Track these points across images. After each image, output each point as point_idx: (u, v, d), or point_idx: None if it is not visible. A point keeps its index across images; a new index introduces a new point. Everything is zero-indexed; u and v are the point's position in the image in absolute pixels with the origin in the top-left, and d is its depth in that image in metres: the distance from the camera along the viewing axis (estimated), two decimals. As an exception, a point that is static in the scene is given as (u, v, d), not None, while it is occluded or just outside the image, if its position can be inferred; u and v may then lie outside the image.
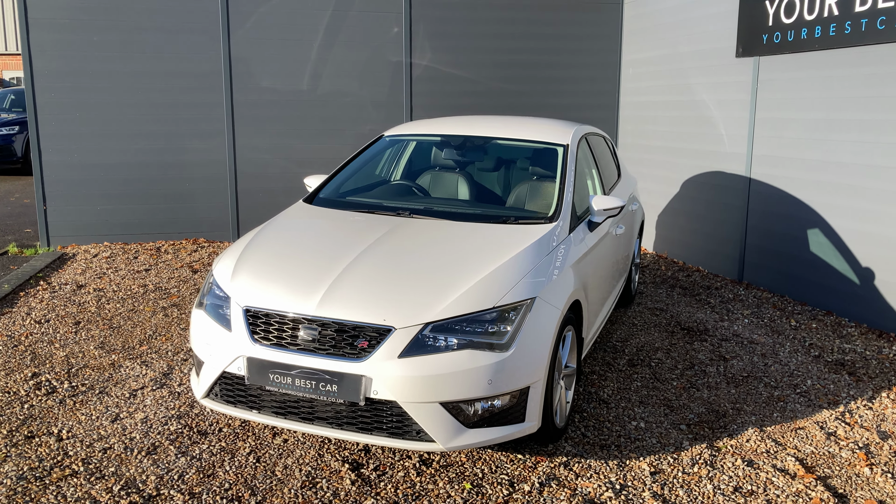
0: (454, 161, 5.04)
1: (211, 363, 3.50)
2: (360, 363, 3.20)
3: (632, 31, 8.95)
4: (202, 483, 3.37)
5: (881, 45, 5.46)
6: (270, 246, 3.96)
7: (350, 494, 3.30)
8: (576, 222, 4.27)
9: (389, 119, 8.72)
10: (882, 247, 5.54)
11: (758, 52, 6.74)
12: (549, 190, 4.49)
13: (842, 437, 3.96)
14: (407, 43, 8.63)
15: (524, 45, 8.96)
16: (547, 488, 3.37)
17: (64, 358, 4.85)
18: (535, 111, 9.04)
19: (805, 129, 6.23)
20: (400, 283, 3.48)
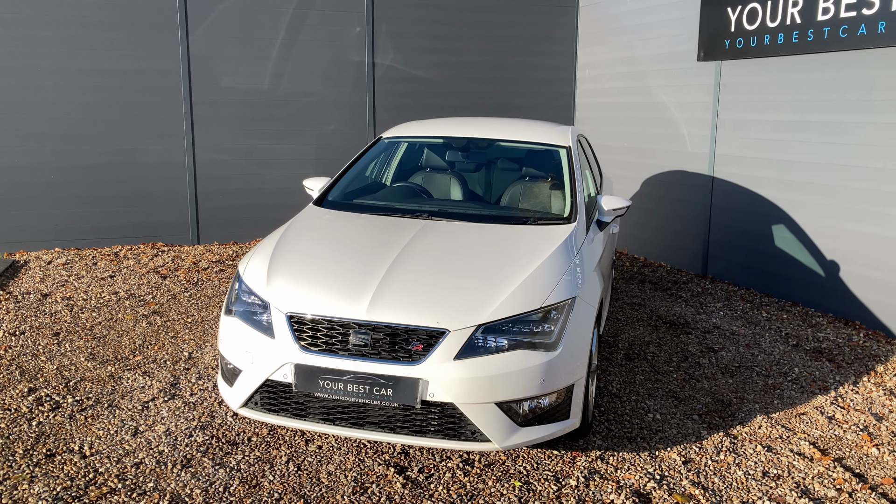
0: (459, 162, 5.08)
1: (251, 372, 3.44)
2: (416, 366, 3.22)
3: (588, 33, 9.20)
4: (250, 494, 3.31)
5: (843, 52, 5.83)
6: (300, 250, 3.91)
7: (405, 498, 3.31)
8: (589, 222, 4.40)
9: (353, 119, 8.67)
10: (846, 241, 5.92)
11: (720, 56, 7.06)
12: (559, 191, 4.60)
13: (841, 421, 4.24)
14: (369, 43, 8.60)
15: (484, 47, 9.07)
16: (591, 482, 3.47)
17: (56, 371, 4.63)
18: (497, 111, 9.17)
19: (769, 130, 6.57)
20: (445, 285, 3.50)
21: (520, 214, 4.46)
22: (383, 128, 8.77)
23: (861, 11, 5.63)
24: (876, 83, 5.60)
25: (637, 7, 8.20)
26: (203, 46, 8.02)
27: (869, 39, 5.60)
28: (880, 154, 5.61)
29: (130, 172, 7.99)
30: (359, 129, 8.74)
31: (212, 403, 4.21)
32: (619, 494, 3.37)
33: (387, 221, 4.26)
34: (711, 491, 3.43)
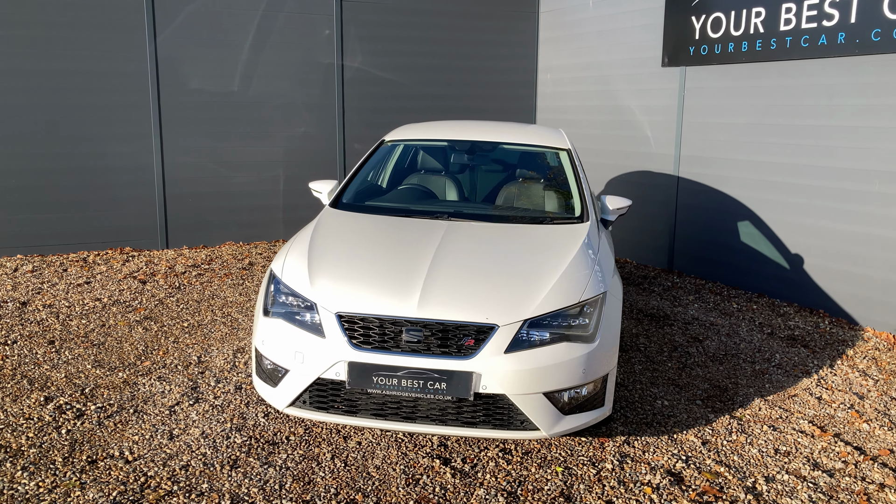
0: (465, 165, 5.25)
1: (300, 371, 3.52)
2: (469, 360, 3.37)
3: (548, 39, 9.50)
4: (308, 490, 3.40)
5: (805, 61, 6.28)
6: (336, 251, 3.99)
7: (457, 487, 3.46)
8: (598, 221, 4.64)
9: (322, 122, 8.71)
10: (809, 236, 6.38)
11: (684, 62, 7.45)
12: (567, 192, 4.82)
13: (829, 401, 4.61)
14: (338, 45, 8.65)
15: (450, 50, 9.26)
16: (625, 464, 3.70)
17: (65, 379, 4.56)
18: (462, 113, 9.37)
19: (734, 133, 6.99)
20: (487, 283, 3.67)
21: (536, 214, 4.66)
22: (352, 130, 8.85)
23: (822, 23, 6.08)
24: (835, 90, 6.06)
25: (601, 14, 8.54)
26: (171, 48, 7.91)
27: (829, 49, 6.05)
28: (839, 155, 6.08)
29: (97, 176, 7.81)
30: (328, 131, 8.78)
31: (238, 405, 4.25)
32: (654, 475, 3.61)
33: (410, 223, 4.39)
34: (734, 468, 3.71)
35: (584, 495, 3.42)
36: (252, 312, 6.01)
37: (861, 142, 5.90)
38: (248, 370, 4.79)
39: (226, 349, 5.16)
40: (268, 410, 4.18)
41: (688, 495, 3.43)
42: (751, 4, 6.68)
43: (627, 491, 3.46)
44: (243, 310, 6.08)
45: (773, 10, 6.48)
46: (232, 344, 5.27)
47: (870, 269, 5.93)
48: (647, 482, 3.54)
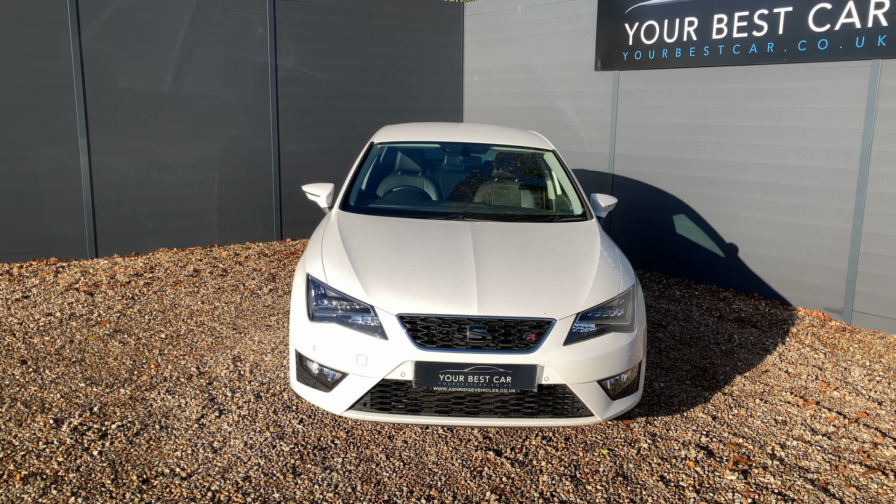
0: (460, 165, 5.38)
1: (363, 373, 3.56)
2: (532, 354, 3.55)
3: (475, 42, 9.76)
4: (381, 490, 3.45)
5: (736, 67, 6.89)
6: (374, 253, 4.02)
7: (522, 475, 3.62)
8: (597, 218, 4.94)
9: (257, 122, 8.52)
10: (742, 226, 7.01)
11: (617, 66, 7.94)
12: (564, 190, 5.08)
13: (797, 374, 5.15)
14: (272, 45, 8.50)
15: (381, 51, 9.31)
16: (658, 443, 4.01)
17: (64, 399, 4.31)
18: (395, 113, 9.46)
19: (668, 133, 7.54)
20: (534, 279, 3.86)
21: (543, 213, 4.88)
22: (287, 131, 8.72)
23: (752, 33, 6.71)
24: (765, 94, 6.71)
25: (531, 19, 8.89)
26: (97, 45, 7.49)
27: (759, 57, 6.68)
28: (769, 153, 6.73)
29: (17, 181, 7.27)
30: (262, 131, 8.61)
31: (267, 413, 4.20)
32: (687, 450, 3.93)
33: (432, 224, 4.49)
34: (749, 439, 4.11)
35: (637, 473, 3.68)
36: (224, 320, 5.86)
37: (789, 141, 6.56)
38: (256, 378, 4.71)
39: (221, 358, 5.03)
40: (303, 416, 4.16)
41: (725, 465, 3.78)
42: (683, 14, 7.23)
43: (673, 466, 3.76)
44: (215, 318, 5.91)
45: (706, 19, 7.05)
46: (224, 353, 5.14)
47: (797, 255, 6.61)
48: (685, 457, 3.85)
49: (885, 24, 5.85)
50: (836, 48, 6.15)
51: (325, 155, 9.09)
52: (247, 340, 5.42)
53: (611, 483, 3.58)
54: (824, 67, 6.28)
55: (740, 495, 3.49)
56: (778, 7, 6.50)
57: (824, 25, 6.21)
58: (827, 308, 6.46)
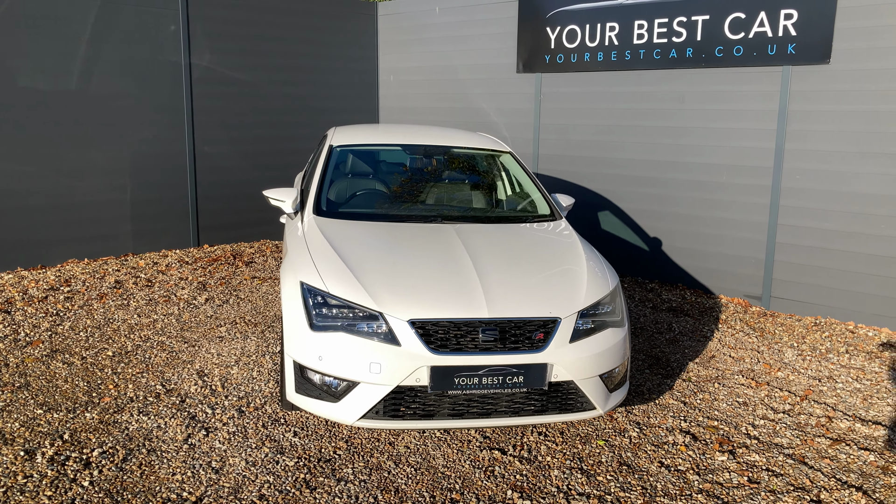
0: (424, 168, 5.37)
1: (376, 381, 3.52)
2: (541, 353, 3.64)
3: (391, 41, 9.75)
4: (403, 498, 3.43)
5: (657, 70, 7.29)
6: (368, 259, 3.96)
7: (533, 471, 3.71)
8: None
9: (171, 124, 8.12)
10: (667, 221, 7.43)
11: (539, 69, 8.18)
12: (528, 191, 5.20)
13: (739, 358, 5.54)
14: (185, 42, 8.13)
15: (296, 50, 9.11)
16: (646, 431, 4.22)
17: (24, 428, 3.98)
18: (313, 114, 9.29)
19: (593, 133, 7.86)
20: (532, 280, 3.95)
21: (516, 214, 4.98)
22: (203, 132, 8.36)
23: (671, 39, 7.12)
24: (686, 96, 7.14)
25: (450, 21, 8.98)
26: (-4, 40, 6.89)
27: (679, 62, 7.11)
28: (691, 152, 7.17)
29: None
30: (177, 133, 8.21)
31: (257, 429, 4.06)
32: (673, 435, 4.16)
33: (415, 227, 4.48)
34: (722, 420, 4.39)
35: (638, 460, 3.86)
36: (170, 333, 5.58)
37: (711, 140, 7.03)
38: (231, 393, 4.53)
39: (184, 374, 4.80)
40: (295, 429, 4.05)
41: (712, 447, 4.03)
42: (605, 19, 7.56)
43: (667, 452, 3.97)
44: (159, 331, 5.62)
45: (627, 25, 7.40)
46: (184, 368, 4.90)
47: (718, 247, 7.10)
48: (674, 442, 4.07)
49: (794, 34, 6.38)
50: (751, 55, 6.64)
51: (243, 158, 8.79)
52: (203, 354, 5.18)
53: (618, 472, 3.73)
54: (740, 72, 6.77)
55: (736, 474, 3.73)
56: (696, 15, 6.93)
57: (739, 33, 6.69)
58: (747, 295, 6.97)
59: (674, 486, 3.61)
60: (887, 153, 6.04)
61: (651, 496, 3.50)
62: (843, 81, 6.20)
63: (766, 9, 6.51)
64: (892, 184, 6.03)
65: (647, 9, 7.24)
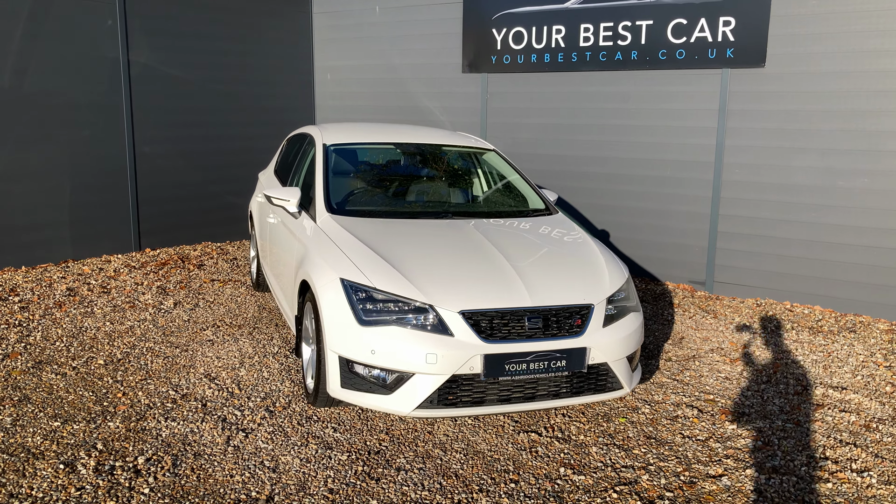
0: (419, 166, 5.48)
1: (431, 371, 3.64)
2: (581, 337, 3.88)
3: (328, 39, 9.72)
4: (467, 482, 3.58)
5: (604, 72, 7.72)
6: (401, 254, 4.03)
7: (575, 449, 3.95)
8: (557, 212, 5.36)
9: (109, 123, 7.78)
10: (612, 214, 7.88)
11: (485, 69, 8.44)
12: (520, 187, 5.42)
13: (707, 338, 6.01)
14: (123, 38, 7.81)
15: (233, 47, 8.94)
16: (657, 408, 4.55)
17: (51, 441, 3.81)
18: (252, 113, 9.15)
19: (541, 132, 8.20)
20: (561, 269, 4.17)
21: (518, 208, 5.18)
22: (143, 132, 8.06)
23: (617, 42, 7.56)
24: (633, 96, 7.60)
25: (391, 20, 9.08)
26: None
27: (624, 64, 7.56)
28: (635, 149, 7.65)
29: None
30: (115, 133, 7.88)
31: (296, 426, 4.07)
32: (682, 409, 4.52)
33: (432, 223, 4.61)
34: (716, 394, 4.80)
35: (661, 433, 4.18)
36: (155, 339, 5.41)
37: (655, 138, 7.52)
38: (251, 395, 4.49)
39: (192, 379, 4.71)
40: (333, 425, 4.09)
41: (719, 417, 4.41)
42: (551, 22, 7.91)
43: (683, 425, 4.31)
44: (142, 338, 5.44)
45: (573, 28, 7.78)
46: (189, 373, 4.81)
47: (663, 237, 7.61)
48: (685, 416, 4.43)
49: (732, 40, 6.95)
50: (693, 58, 7.17)
51: (183, 158, 8.54)
52: (201, 358, 5.09)
53: (649, 445, 4.03)
54: (683, 74, 7.29)
55: (750, 440, 4.12)
56: (640, 20, 7.40)
57: (682, 38, 7.20)
58: (692, 281, 7.52)
59: (702, 453, 3.94)
60: (816, 148, 6.71)
61: (687, 464, 3.81)
62: (777, 83, 6.82)
63: (706, 16, 7.05)
64: (820, 175, 6.70)
65: (593, 13, 7.64)
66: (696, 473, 3.72)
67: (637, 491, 3.53)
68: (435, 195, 5.29)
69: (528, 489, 3.53)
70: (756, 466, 3.79)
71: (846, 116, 6.50)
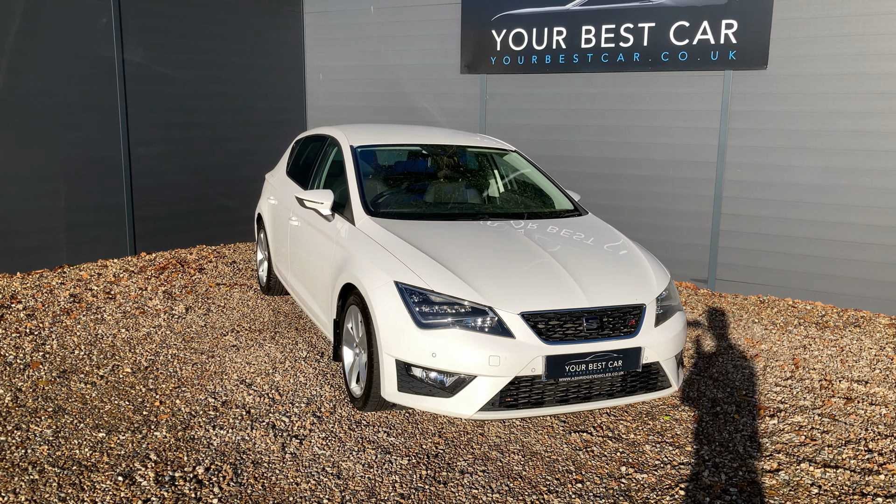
0: (447, 168, 5.45)
1: (494, 374, 3.64)
2: (635, 337, 3.92)
3: (320, 40, 9.62)
4: (534, 482, 3.59)
5: (605, 73, 7.80)
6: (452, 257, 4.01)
7: (630, 447, 3.99)
8: (585, 212, 5.39)
9: (105, 124, 7.58)
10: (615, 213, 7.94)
11: (484, 70, 8.46)
12: (544, 188, 5.45)
13: (722, 335, 6.12)
14: (118, 37, 7.62)
15: (226, 47, 8.79)
16: (695, 405, 4.62)
17: (100, 453, 3.71)
18: (245, 114, 9.02)
19: (541, 133, 8.24)
20: (610, 270, 4.21)
21: (551, 209, 5.19)
22: (138, 133, 7.88)
23: (619, 44, 7.65)
24: (635, 98, 7.70)
25: (387, 21, 9.03)
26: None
27: (626, 65, 7.65)
28: (638, 149, 7.75)
29: None
30: (111, 134, 7.68)
31: (348, 432, 4.03)
32: (720, 406, 4.59)
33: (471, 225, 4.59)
34: (746, 390, 4.89)
35: (708, 430, 4.24)
36: (177, 346, 5.30)
37: (658, 138, 7.63)
38: (294, 401, 4.43)
39: (228, 385, 4.62)
40: (386, 430, 4.06)
41: (758, 413, 4.50)
42: (552, 23, 7.96)
43: (725, 421, 4.38)
44: (164, 345, 5.32)
45: (574, 30, 7.85)
46: (223, 379, 4.72)
47: (667, 236, 7.72)
48: (725, 412, 4.50)
49: (735, 42, 7.09)
50: (695, 60, 7.30)
51: (179, 159, 8.37)
52: (230, 364, 5.00)
53: (699, 442, 4.09)
54: (685, 75, 7.41)
55: (794, 434, 4.21)
56: (642, 22, 7.50)
57: (684, 40, 7.32)
58: (694, 279, 7.64)
59: (753, 448, 4.01)
60: (816, 149, 6.89)
61: (742, 460, 3.88)
62: (779, 85, 6.98)
63: (708, 18, 7.18)
64: (821, 175, 6.88)
65: (595, 15, 7.72)
66: (752, 468, 3.79)
67: (702, 487, 3.58)
68: (467, 196, 5.28)
69: (595, 489, 3.55)
70: (808, 461, 3.88)
71: (847, 117, 6.69)
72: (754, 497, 3.50)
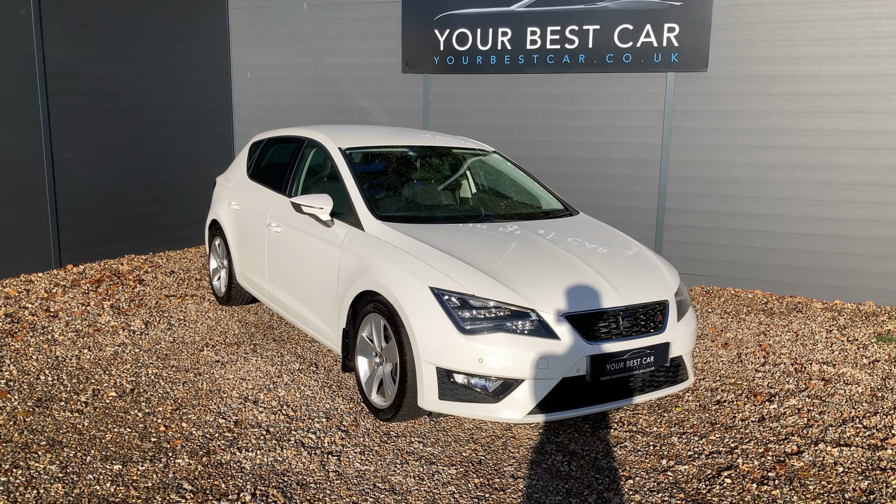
0: (439, 169, 5.35)
1: (542, 376, 3.64)
2: (663, 333, 4.02)
3: (246, 36, 9.23)
4: (590, 481, 3.61)
5: (551, 74, 7.95)
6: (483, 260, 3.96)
7: (655, 441, 4.09)
8: (572, 211, 5.46)
9: (24, 126, 6.95)
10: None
11: (427, 70, 8.41)
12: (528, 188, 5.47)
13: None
14: (38, 31, 7.00)
15: (149, 42, 8.27)
16: (697, 395, 4.80)
17: (125, 488, 3.41)
18: (171, 114, 8.53)
19: (486, 133, 8.28)
20: (629, 268, 4.28)
21: (548, 209, 5.21)
22: (61, 135, 7.26)
23: (564, 45, 7.81)
24: (580, 98, 7.89)
25: (322, 18, 8.78)
26: None
27: (572, 66, 7.83)
28: (584, 148, 7.96)
29: None
30: (31, 137, 7.04)
31: (381, 443, 3.90)
32: (721, 395, 4.79)
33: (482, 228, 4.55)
34: (736, 378, 5.13)
35: (720, 419, 4.42)
36: (155, 365, 4.94)
37: (604, 137, 7.85)
38: (311, 416, 4.23)
39: (233, 405, 4.36)
40: (419, 440, 3.96)
41: (756, 399, 4.73)
42: (497, 24, 8.02)
43: (731, 409, 4.57)
44: (139, 364, 4.95)
45: (519, 31, 7.94)
46: (224, 398, 4.44)
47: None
48: (727, 400, 4.70)
49: (677, 45, 7.41)
50: (639, 62, 7.57)
51: (109, 163, 7.79)
52: (222, 380, 4.71)
53: (719, 430, 4.25)
54: (630, 77, 7.67)
55: (796, 417, 4.45)
56: (587, 24, 7.69)
57: (628, 43, 7.58)
58: (641, 273, 7.92)
59: (766, 434, 4.21)
60: (753, 145, 7.32)
61: (765, 445, 4.06)
62: (719, 86, 7.37)
63: (651, 22, 7.46)
64: (757, 169, 7.33)
65: (540, 16, 7.84)
66: (777, 452, 3.97)
67: (741, 474, 3.72)
68: (469, 199, 5.22)
69: (648, 483, 3.61)
70: (820, 441, 4.11)
71: (780, 115, 7.15)
72: (793, 480, 3.67)
